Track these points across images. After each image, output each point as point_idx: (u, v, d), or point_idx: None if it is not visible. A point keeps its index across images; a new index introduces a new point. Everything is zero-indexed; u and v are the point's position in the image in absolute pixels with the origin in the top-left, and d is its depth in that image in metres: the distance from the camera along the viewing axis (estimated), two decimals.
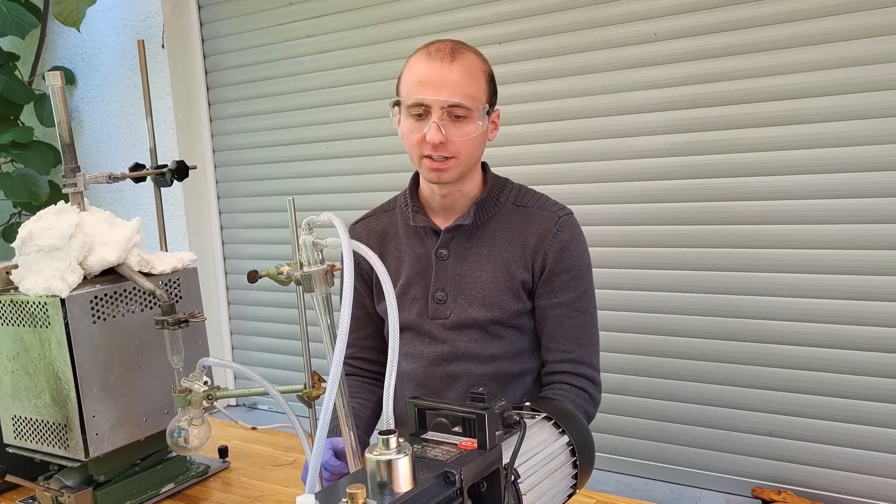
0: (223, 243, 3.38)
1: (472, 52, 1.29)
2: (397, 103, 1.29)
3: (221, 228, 3.37)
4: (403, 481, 0.69)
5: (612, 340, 2.37)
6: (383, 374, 1.51)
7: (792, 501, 2.13)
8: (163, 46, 3.17)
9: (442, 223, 1.36)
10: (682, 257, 2.29)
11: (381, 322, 1.44)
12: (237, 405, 3.40)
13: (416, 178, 1.40)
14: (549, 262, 1.32)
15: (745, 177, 2.17)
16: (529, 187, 1.40)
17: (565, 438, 0.97)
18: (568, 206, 1.37)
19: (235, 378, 3.33)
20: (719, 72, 2.17)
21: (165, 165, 1.40)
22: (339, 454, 1.21)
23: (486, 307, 1.32)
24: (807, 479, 2.17)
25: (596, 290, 1.38)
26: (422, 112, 1.25)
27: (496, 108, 1.33)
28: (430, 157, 1.26)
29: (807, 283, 2.12)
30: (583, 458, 0.98)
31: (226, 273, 3.39)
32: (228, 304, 3.41)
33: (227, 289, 3.40)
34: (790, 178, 2.11)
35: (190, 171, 1.43)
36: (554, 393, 1.33)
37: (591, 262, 1.37)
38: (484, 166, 1.39)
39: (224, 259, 3.39)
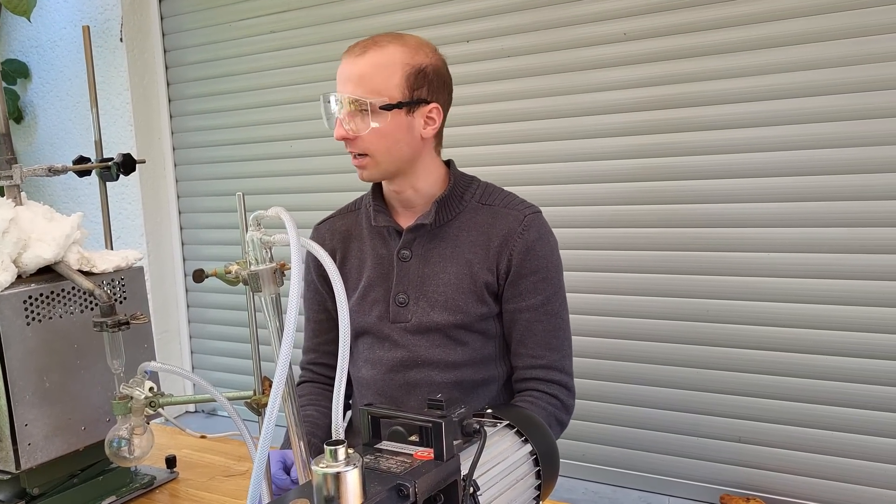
0: (183, 244, 3.28)
1: (396, 44, 1.22)
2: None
3: (181, 228, 3.27)
4: (352, 495, 0.64)
5: (579, 345, 2.33)
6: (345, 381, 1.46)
7: None
8: (121, 40, 3.07)
9: (405, 223, 1.31)
10: (650, 260, 2.26)
11: None
12: (196, 411, 3.30)
13: None
14: (514, 263, 1.26)
15: (717, 179, 2.15)
16: (497, 186, 1.35)
17: (528, 447, 0.92)
18: (537, 205, 1.33)
19: (194, 385, 3.23)
20: (689, 72, 2.15)
21: (111, 159, 1.33)
22: (287, 469, 1.15)
23: (449, 310, 1.26)
24: (775, 486, 2.16)
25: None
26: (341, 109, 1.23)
27: (431, 103, 1.24)
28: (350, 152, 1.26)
29: (776, 287, 2.11)
30: (546, 467, 0.93)
31: (185, 275, 3.29)
32: (188, 307, 3.31)
33: (187, 291, 3.30)
34: (762, 180, 2.09)
35: (145, 167, 1.37)
36: (524, 400, 1.28)
37: (562, 263, 1.33)
38: (449, 163, 1.34)
39: (184, 260, 3.29)
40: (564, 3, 2.30)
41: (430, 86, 1.24)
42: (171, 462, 1.36)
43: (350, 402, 1.45)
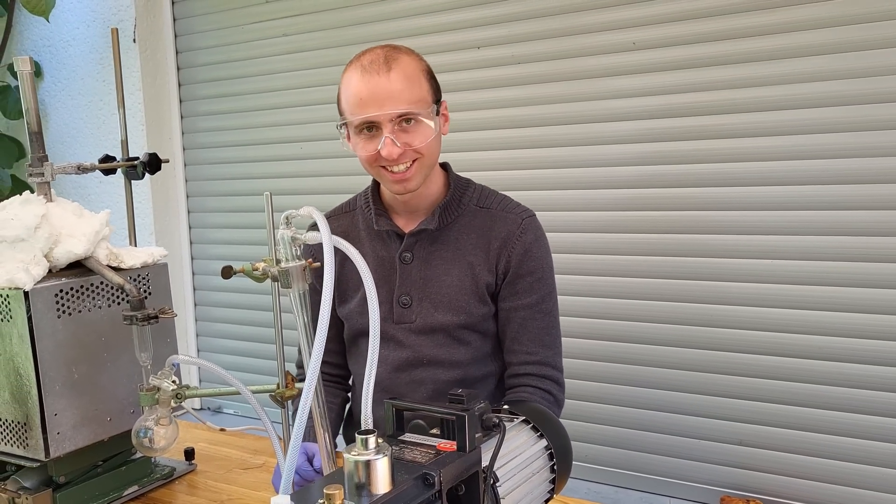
0: (191, 243, 3.31)
1: (405, 54, 1.25)
2: (344, 124, 1.27)
3: (190, 228, 3.31)
4: (382, 483, 0.67)
5: (582, 348, 2.37)
6: (345, 378, 1.51)
7: None
8: (134, 41, 3.10)
9: (405, 226, 1.34)
10: (655, 265, 2.30)
11: (342, 325, 1.42)
12: (201, 408, 3.33)
13: (376, 180, 1.38)
14: (512, 264, 1.31)
15: (722, 187, 2.18)
16: (491, 188, 1.39)
17: (543, 442, 0.96)
18: (531, 208, 1.37)
19: (200, 380, 3.26)
20: (697, 82, 2.18)
21: (137, 158, 1.37)
22: (309, 460, 1.18)
23: (453, 311, 1.30)
24: (775, 489, 2.19)
25: (570, 298, 1.37)
26: (371, 129, 1.23)
27: (443, 100, 1.30)
28: (388, 169, 1.24)
29: (777, 293, 2.14)
30: (561, 462, 0.97)
31: (193, 273, 3.32)
32: (195, 304, 3.34)
33: (195, 289, 3.33)
34: (766, 189, 2.12)
35: (161, 167, 1.40)
36: (519, 396, 1.32)
37: (555, 265, 1.37)
38: (445, 167, 1.38)
39: (192, 259, 3.32)
40: (575, 13, 2.33)
41: (438, 85, 1.30)
42: (189, 454, 1.40)
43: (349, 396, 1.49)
